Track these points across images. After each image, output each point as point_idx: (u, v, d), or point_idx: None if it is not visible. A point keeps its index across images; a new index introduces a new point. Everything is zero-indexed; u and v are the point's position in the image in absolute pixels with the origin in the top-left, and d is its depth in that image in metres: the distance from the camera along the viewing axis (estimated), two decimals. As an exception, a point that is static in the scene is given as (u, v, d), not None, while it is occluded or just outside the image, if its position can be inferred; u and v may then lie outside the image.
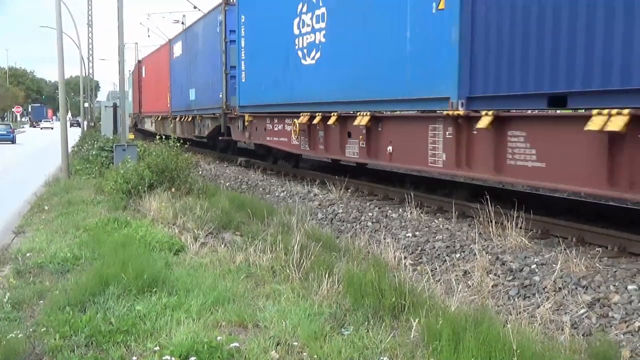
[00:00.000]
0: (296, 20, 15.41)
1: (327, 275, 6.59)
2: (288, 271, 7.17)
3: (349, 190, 14.02)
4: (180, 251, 8.55)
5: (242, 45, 19.40)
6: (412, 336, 5.27)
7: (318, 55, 14.48)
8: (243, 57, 19.38)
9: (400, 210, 11.54)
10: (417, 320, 5.43)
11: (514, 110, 8.99)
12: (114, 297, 6.20)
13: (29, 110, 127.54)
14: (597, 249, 8.03)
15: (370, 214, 11.72)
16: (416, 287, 6.39)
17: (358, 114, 12.59)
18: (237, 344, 4.97)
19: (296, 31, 15.45)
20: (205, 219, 10.13)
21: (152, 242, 8.68)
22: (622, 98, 7.07)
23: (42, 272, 7.60)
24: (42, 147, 42.17)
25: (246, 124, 19.51)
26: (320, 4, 14.24)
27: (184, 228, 9.86)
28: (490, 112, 8.98)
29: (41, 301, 6.42)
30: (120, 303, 6.04)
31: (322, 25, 14.18)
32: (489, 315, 5.54)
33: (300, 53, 15.32)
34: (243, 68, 19.39)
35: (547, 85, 8.06)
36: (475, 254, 8.31)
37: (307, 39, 14.95)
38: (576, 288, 6.82)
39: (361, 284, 6.20)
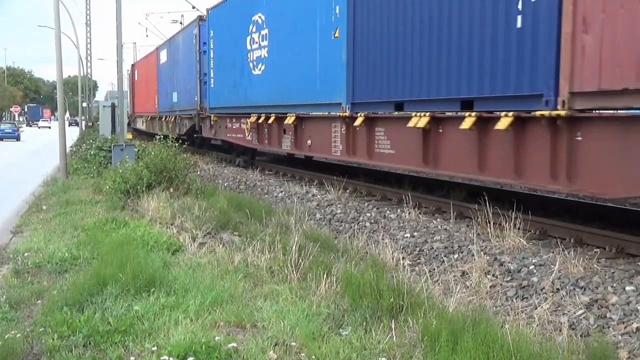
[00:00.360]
0: (248, 38, 18.90)
1: (325, 276, 6.59)
2: (286, 271, 7.18)
3: (347, 191, 14.05)
4: (178, 251, 8.54)
5: (211, 55, 22.63)
6: (410, 337, 5.28)
7: (263, 67, 17.89)
8: (212, 66, 22.63)
9: (399, 210, 11.55)
10: (415, 320, 5.44)
11: (379, 112, 12.32)
12: (112, 297, 6.20)
13: (25, 110, 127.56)
14: (595, 250, 8.04)
15: (368, 214, 11.73)
16: (414, 288, 6.39)
17: (288, 115, 15.85)
18: (235, 344, 4.98)
19: (249, 47, 18.94)
20: (204, 219, 10.12)
21: (150, 242, 8.67)
22: (429, 105, 10.58)
23: (40, 272, 7.60)
24: (41, 145, 42.17)
25: (212, 123, 23.03)
26: (264, 26, 17.66)
27: (182, 228, 9.86)
28: (362, 114, 12.46)
29: (39, 301, 6.42)
30: (118, 303, 6.04)
31: (266, 43, 17.66)
32: (487, 316, 5.54)
33: (251, 65, 18.77)
34: (212, 75, 22.60)
35: (393, 95, 11.55)
36: (473, 255, 8.31)
37: (256, 53, 18.43)
38: (574, 289, 6.82)
39: (359, 284, 6.20)
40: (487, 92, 9.22)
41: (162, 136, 16.30)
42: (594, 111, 7.62)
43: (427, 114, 10.37)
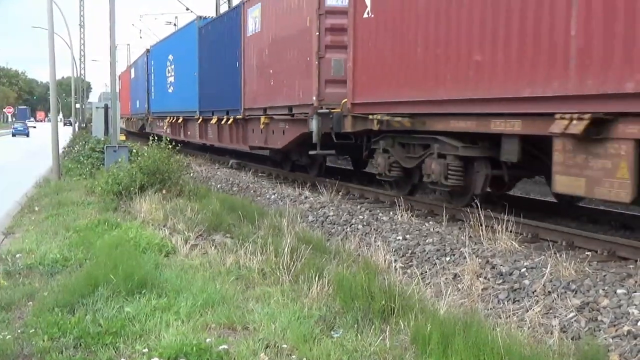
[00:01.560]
0: (166, 69, 31.69)
1: (317, 278, 6.58)
2: (278, 273, 7.16)
3: (340, 193, 14.04)
4: (170, 253, 8.51)
5: (152, 77, 35.83)
6: (401, 339, 5.28)
7: (172, 88, 30.60)
8: (153, 85, 35.92)
9: (391, 213, 11.55)
10: (406, 323, 5.44)
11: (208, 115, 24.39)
12: (103, 298, 6.17)
13: (15, 111, 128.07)
14: (586, 252, 8.06)
15: (361, 216, 11.73)
16: (406, 290, 6.39)
17: (180, 117, 28.76)
18: (226, 346, 4.96)
19: (167, 74, 31.69)
20: (196, 220, 10.09)
21: (142, 244, 8.63)
22: (219, 112, 22.34)
23: (31, 273, 7.56)
24: (36, 145, 42.08)
25: (150, 122, 37.10)
26: (172, 63, 30.54)
27: (174, 230, 9.83)
28: (202, 117, 24.86)
29: (30, 302, 6.39)
30: (109, 305, 6.01)
31: (173, 73, 30.36)
32: (478, 319, 5.54)
33: (167, 86, 31.55)
34: (153, 91, 35.96)
35: (211, 107, 23.31)
36: (465, 258, 8.32)
37: (169, 79, 31.15)
38: (565, 292, 6.84)
39: (351, 286, 6.19)
40: (232, 107, 20.83)
41: (156, 137, 16.30)
42: (251, 116, 19.18)
43: (217, 116, 22.52)
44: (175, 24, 51.21)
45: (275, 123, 17.20)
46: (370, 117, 11.98)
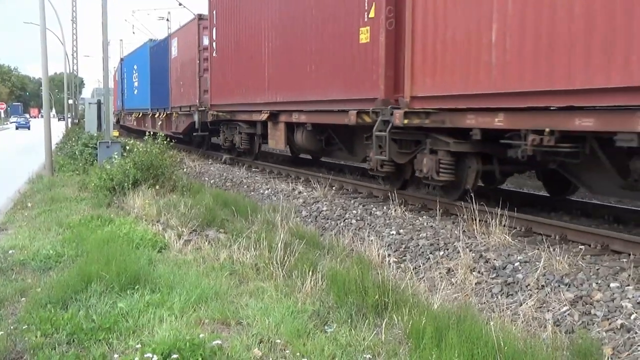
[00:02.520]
0: (133, 75, 40.29)
1: (310, 273, 6.58)
2: (272, 269, 7.15)
3: (334, 188, 14.03)
4: (163, 248, 8.49)
5: (124, 81, 44.51)
6: (395, 333, 5.28)
7: (137, 91, 38.92)
8: (125, 87, 44.31)
9: (385, 208, 11.55)
10: (400, 317, 5.44)
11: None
12: (97, 294, 6.15)
13: (7, 108, 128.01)
14: (580, 246, 8.07)
15: (354, 211, 11.73)
16: (400, 285, 6.40)
17: (141, 113, 37.01)
18: (219, 342, 4.95)
19: (133, 80, 40.06)
20: (189, 216, 10.08)
21: (136, 240, 8.60)
22: (162, 110, 31.54)
23: (24, 269, 7.53)
24: (30, 143, 41.93)
25: (122, 116, 45.47)
26: (136, 72, 38.78)
27: (167, 225, 9.81)
28: (152, 113, 33.43)
29: (23, 298, 6.36)
30: (102, 300, 6.00)
31: (137, 79, 38.72)
32: (472, 313, 5.56)
33: (134, 88, 40.02)
34: (125, 92, 44.36)
35: (160, 105, 31.50)
36: (459, 252, 8.33)
37: (134, 83, 39.61)
38: (559, 286, 6.85)
39: (345, 281, 6.19)
40: (166, 106, 29.98)
41: (152, 134, 16.27)
42: (173, 112, 28.83)
43: (159, 112, 31.28)
44: (168, 19, 51.25)
45: (180, 116, 27.53)
46: (210, 112, 22.12)
